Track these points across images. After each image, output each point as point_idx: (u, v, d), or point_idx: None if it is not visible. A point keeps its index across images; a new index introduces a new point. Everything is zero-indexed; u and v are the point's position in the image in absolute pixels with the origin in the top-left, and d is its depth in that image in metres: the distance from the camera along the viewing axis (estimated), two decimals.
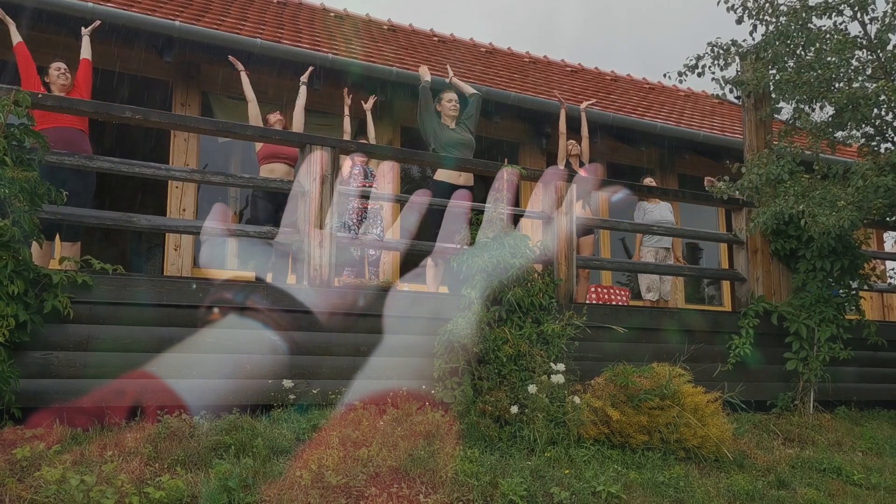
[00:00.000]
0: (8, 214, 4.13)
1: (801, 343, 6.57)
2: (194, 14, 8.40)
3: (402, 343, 5.30)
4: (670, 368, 5.42)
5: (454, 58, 10.85)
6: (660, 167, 11.21)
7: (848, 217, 5.80)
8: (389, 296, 5.54)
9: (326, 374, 5.02)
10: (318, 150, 5.45)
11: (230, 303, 4.88)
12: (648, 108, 11.46)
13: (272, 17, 9.89)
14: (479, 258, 5.51)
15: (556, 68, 13.20)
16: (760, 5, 6.58)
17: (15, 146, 4.40)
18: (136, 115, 4.99)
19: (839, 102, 6.22)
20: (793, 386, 6.61)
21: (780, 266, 7.01)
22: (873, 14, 6.36)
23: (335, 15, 11.85)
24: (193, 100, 8.44)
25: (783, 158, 6.57)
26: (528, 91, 9.86)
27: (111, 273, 4.57)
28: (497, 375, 5.14)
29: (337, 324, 5.17)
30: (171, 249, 8.00)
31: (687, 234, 8.88)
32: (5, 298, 4.04)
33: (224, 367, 4.77)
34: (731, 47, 6.80)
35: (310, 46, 8.50)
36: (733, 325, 6.60)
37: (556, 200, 6.16)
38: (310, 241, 5.29)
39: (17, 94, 4.38)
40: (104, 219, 4.93)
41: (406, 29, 12.66)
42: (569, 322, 5.61)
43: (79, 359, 4.41)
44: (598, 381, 5.38)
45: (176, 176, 5.43)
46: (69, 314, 4.35)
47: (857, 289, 6.99)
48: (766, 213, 6.42)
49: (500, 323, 5.40)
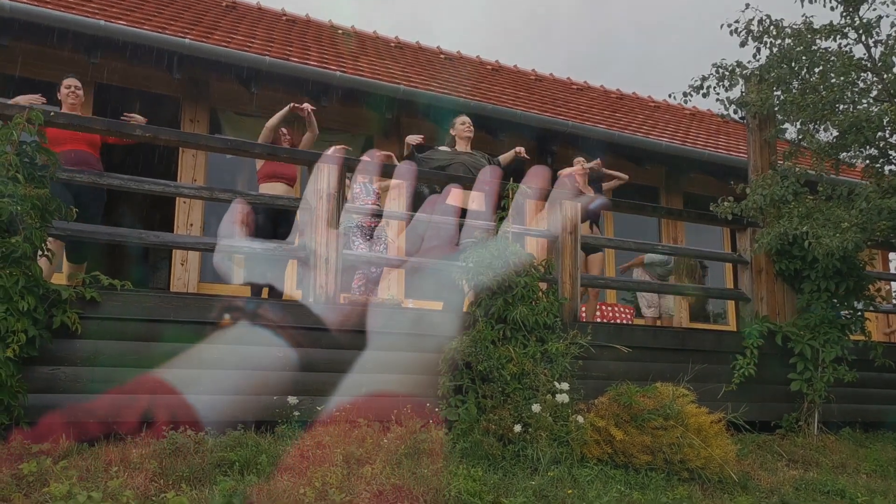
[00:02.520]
0: (20, 231, 4.18)
1: (805, 364, 6.57)
2: (204, 31, 8.49)
3: (406, 360, 5.32)
4: (674, 388, 5.43)
5: (461, 75, 10.93)
6: (665, 186, 11.25)
7: (852, 239, 5.82)
8: (395, 313, 5.58)
9: (331, 391, 5.04)
10: (325, 168, 5.50)
11: (236, 319, 4.92)
12: (654, 126, 11.51)
13: (281, 35, 9.98)
14: (485, 276, 5.54)
15: (562, 86, 13.27)
16: (765, 28, 6.62)
17: (27, 163, 4.46)
18: (146, 133, 5.05)
19: (843, 124, 6.24)
20: (797, 407, 6.60)
21: (785, 286, 7.02)
22: (878, 37, 6.41)
23: (343, 32, 11.94)
24: (202, 116, 8.52)
25: (787, 179, 6.60)
26: (534, 109, 9.92)
27: (119, 289, 4.61)
28: (501, 394, 5.15)
29: (342, 340, 5.20)
30: (178, 264, 8.05)
31: (692, 254, 8.91)
32: (16, 314, 4.08)
33: (229, 383, 4.79)
34: (735, 69, 6.83)
35: (318, 64, 8.57)
36: (737, 344, 6.60)
37: (562, 218, 6.19)
38: (316, 257, 5.33)
39: (30, 112, 4.43)
40: (114, 235, 4.98)
41: (413, 46, 12.76)
42: (573, 341, 5.63)
43: (86, 374, 4.44)
44: (601, 400, 5.39)
45: (184, 193, 5.48)
46: (77, 329, 4.38)
47: (863, 310, 6.99)
48: (771, 234, 6.45)
49: (505, 341, 5.42)
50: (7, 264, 4.12)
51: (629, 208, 7.98)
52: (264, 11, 11.71)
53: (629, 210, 8.07)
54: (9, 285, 4.08)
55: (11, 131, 4.38)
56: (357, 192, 6.99)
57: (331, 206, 5.40)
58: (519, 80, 12.49)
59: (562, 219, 6.19)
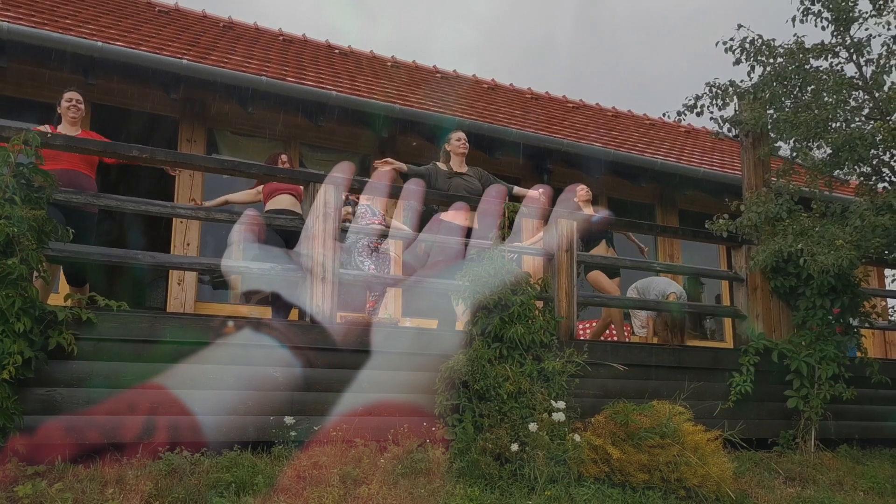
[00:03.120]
0: (16, 252, 4.19)
1: (801, 381, 6.58)
2: (201, 52, 8.54)
3: (403, 380, 5.32)
4: (670, 406, 5.43)
5: (457, 94, 10.99)
6: (660, 203, 11.29)
7: (847, 256, 5.85)
8: (391, 332, 5.58)
9: (328, 411, 5.03)
10: (322, 187, 5.52)
11: (233, 339, 4.92)
12: (649, 144, 11.57)
13: (277, 55, 10.04)
14: (481, 295, 5.56)
15: (558, 104, 13.34)
16: (758, 47, 6.69)
17: (24, 184, 4.47)
18: (143, 153, 5.07)
19: (836, 142, 6.30)
20: (794, 424, 6.60)
21: (780, 303, 7.04)
22: (868, 56, 6.48)
23: (339, 52, 12.02)
24: (199, 136, 8.54)
25: (782, 197, 6.64)
26: (530, 127, 9.97)
27: (115, 310, 4.61)
28: (498, 413, 5.15)
29: (339, 359, 5.20)
30: (175, 284, 8.05)
31: (687, 271, 8.93)
32: (11, 336, 4.07)
33: (226, 403, 4.78)
34: (728, 88, 6.89)
35: (314, 83, 8.62)
36: (734, 362, 6.61)
37: (557, 237, 6.21)
38: (312, 277, 5.34)
39: (27, 134, 4.46)
40: (110, 256, 4.98)
41: (409, 65, 12.83)
42: (569, 359, 5.63)
43: (82, 395, 4.43)
44: (598, 418, 5.39)
45: (181, 214, 5.50)
46: (73, 350, 4.38)
47: (858, 327, 7.01)
48: (766, 252, 6.48)
49: (502, 360, 5.43)
50: (3, 286, 4.12)
51: (625, 226, 8.00)
52: (261, 32, 11.78)
53: (625, 228, 8.10)
54: (5, 307, 4.08)
55: (8, 153, 4.40)
56: (362, 212, 6.95)
57: (328, 225, 5.42)
58: (514, 99, 12.56)
59: (557, 237, 6.22)
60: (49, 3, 8.83)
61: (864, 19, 6.42)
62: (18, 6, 8.07)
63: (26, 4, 8.30)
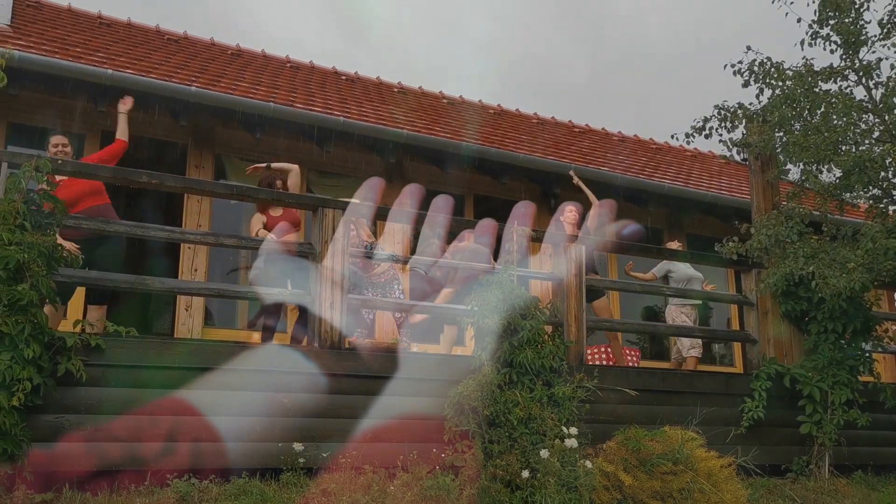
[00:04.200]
0: (26, 279, 4.19)
1: (814, 406, 6.51)
2: (210, 79, 8.60)
3: (413, 405, 5.27)
4: (683, 432, 5.38)
5: (463, 119, 11.03)
6: (668, 227, 11.26)
7: (859, 279, 5.81)
8: (400, 358, 5.54)
9: (337, 437, 4.98)
10: (330, 212, 5.51)
11: (242, 365, 4.89)
12: (656, 168, 11.57)
13: (285, 81, 10.11)
14: (490, 319, 5.52)
15: (564, 129, 13.37)
16: (766, 70, 6.69)
17: (34, 210, 4.48)
18: (152, 179, 5.09)
19: (846, 165, 6.28)
20: (807, 450, 6.53)
21: (791, 328, 6.98)
22: (878, 79, 6.47)
23: (346, 78, 12.10)
24: (207, 161, 8.57)
25: (791, 220, 6.61)
26: (537, 152, 9.98)
27: (124, 335, 4.59)
28: (508, 439, 5.10)
29: (347, 386, 5.17)
30: (182, 309, 8.03)
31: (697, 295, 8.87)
32: (21, 362, 4.06)
33: (234, 430, 4.74)
34: (737, 110, 6.89)
35: (321, 109, 8.66)
36: (745, 387, 6.55)
37: (567, 261, 6.18)
38: (321, 302, 5.32)
39: (38, 161, 4.47)
40: (119, 282, 4.98)
41: (416, 91, 12.90)
42: (580, 384, 5.58)
43: (90, 421, 4.40)
44: (610, 444, 5.34)
45: (190, 239, 5.51)
46: (82, 377, 4.36)
47: (871, 351, 6.94)
48: (776, 275, 6.44)
49: (511, 385, 5.38)
50: (13, 312, 4.11)
51: (634, 250, 7.98)
52: (269, 59, 11.87)
53: (634, 253, 8.08)
54: (14, 333, 4.07)
55: (19, 179, 4.41)
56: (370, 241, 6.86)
57: (335, 250, 5.41)
58: (521, 124, 12.59)
59: (567, 262, 6.19)
60: (60, 31, 8.91)
61: (873, 42, 6.43)
62: (30, 35, 8.15)
63: (37, 33, 8.39)
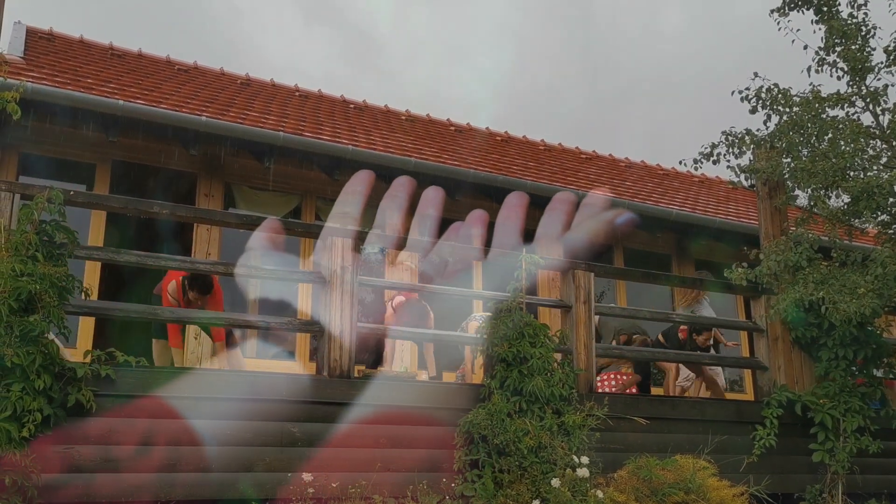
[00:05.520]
0: (38, 309, 4.21)
1: (826, 434, 6.45)
2: (220, 109, 8.68)
3: (421, 434, 5.26)
4: (694, 460, 5.35)
5: (471, 147, 11.09)
6: (676, 253, 11.25)
7: (869, 304, 5.79)
8: (408, 386, 5.54)
9: (346, 467, 4.97)
10: (338, 241, 5.53)
11: (250, 394, 4.89)
12: (663, 194, 11.58)
13: (294, 110, 10.19)
14: (499, 347, 5.52)
15: (571, 155, 13.42)
16: (773, 96, 6.71)
17: (46, 241, 4.52)
18: (163, 209, 5.13)
19: (854, 191, 6.28)
20: (820, 478, 6.46)
21: (802, 354, 6.94)
22: (885, 105, 6.49)
23: (354, 107, 12.19)
24: (217, 190, 8.62)
25: (801, 245, 6.60)
26: (544, 179, 10.01)
27: (134, 366, 4.60)
28: (518, 468, 5.08)
29: (356, 415, 5.15)
30: (192, 338, 8.04)
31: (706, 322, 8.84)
32: (32, 393, 4.07)
33: (243, 460, 4.74)
34: (745, 136, 6.91)
35: (330, 138, 8.72)
36: (757, 414, 6.50)
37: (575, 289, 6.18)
38: (330, 331, 5.32)
39: (51, 192, 4.52)
40: (129, 311, 5.00)
41: (423, 119, 12.98)
42: (590, 413, 5.56)
43: (100, 452, 4.41)
44: (621, 473, 5.30)
45: (200, 269, 5.52)
46: (92, 407, 4.36)
47: (883, 378, 6.89)
48: (786, 300, 6.42)
49: (521, 413, 5.36)
50: (25, 343, 4.13)
51: (642, 277, 7.97)
52: (278, 88, 11.98)
53: (642, 279, 8.07)
54: (26, 364, 4.09)
55: (32, 211, 4.45)
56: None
57: (344, 279, 5.42)
58: (528, 151, 12.64)
59: (575, 289, 6.19)
60: (72, 63, 9.03)
61: (879, 69, 6.46)
62: (42, 66, 8.26)
63: (49, 65, 8.50)
